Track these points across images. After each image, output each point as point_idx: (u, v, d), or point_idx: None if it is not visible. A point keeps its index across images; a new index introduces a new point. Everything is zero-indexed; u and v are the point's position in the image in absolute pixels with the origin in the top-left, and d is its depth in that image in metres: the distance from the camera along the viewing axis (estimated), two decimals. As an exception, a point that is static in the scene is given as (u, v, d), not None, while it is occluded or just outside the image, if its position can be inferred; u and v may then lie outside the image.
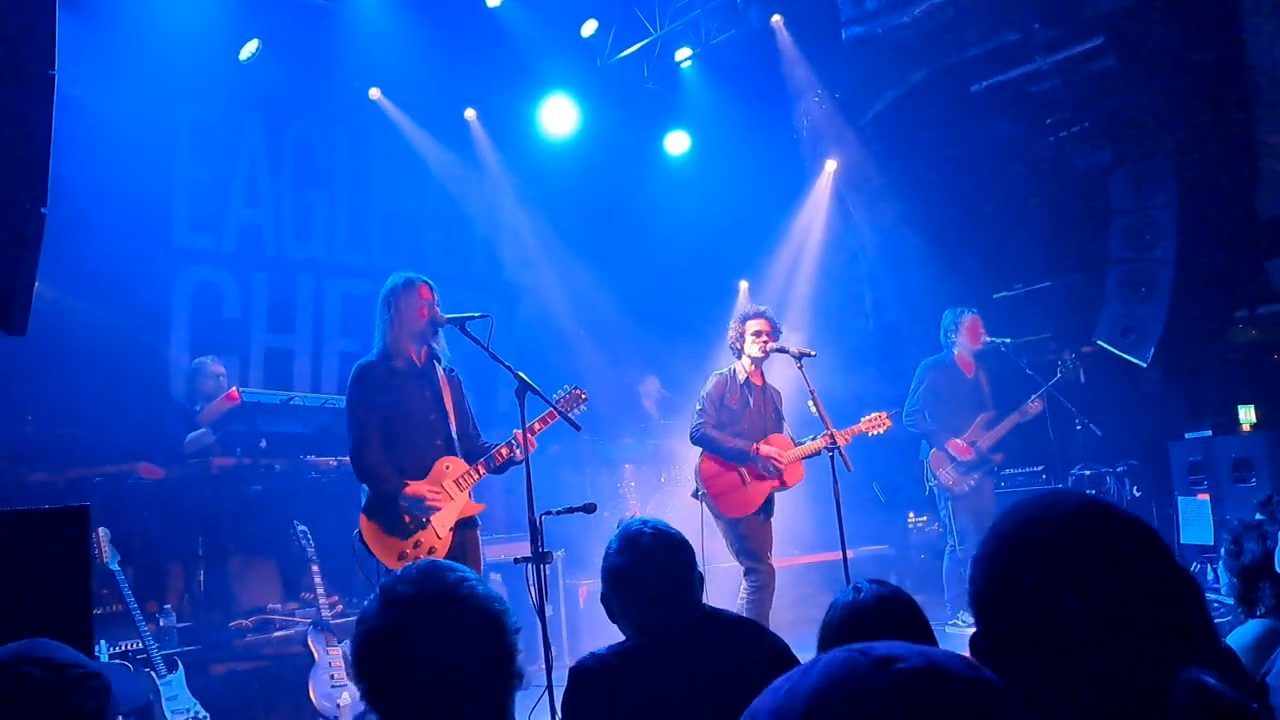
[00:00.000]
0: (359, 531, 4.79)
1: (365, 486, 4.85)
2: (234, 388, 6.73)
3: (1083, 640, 1.22)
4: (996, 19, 8.37)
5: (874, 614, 2.40)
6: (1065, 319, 8.41)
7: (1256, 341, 8.36)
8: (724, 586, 6.02)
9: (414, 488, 4.74)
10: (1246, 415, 7.89)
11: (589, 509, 5.02)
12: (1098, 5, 8.31)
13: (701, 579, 2.94)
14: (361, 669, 1.83)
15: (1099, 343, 7.95)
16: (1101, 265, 8.14)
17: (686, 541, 2.94)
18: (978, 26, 8.43)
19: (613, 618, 2.92)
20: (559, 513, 4.96)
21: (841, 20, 8.51)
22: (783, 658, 2.96)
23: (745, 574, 5.84)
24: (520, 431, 4.83)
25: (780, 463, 5.87)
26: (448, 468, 4.88)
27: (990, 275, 8.72)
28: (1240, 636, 3.17)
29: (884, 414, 6.17)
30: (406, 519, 4.76)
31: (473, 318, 4.90)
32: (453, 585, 1.84)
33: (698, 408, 6.04)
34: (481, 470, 4.93)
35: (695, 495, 6.04)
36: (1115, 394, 7.79)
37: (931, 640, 2.28)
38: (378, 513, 4.77)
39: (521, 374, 4.78)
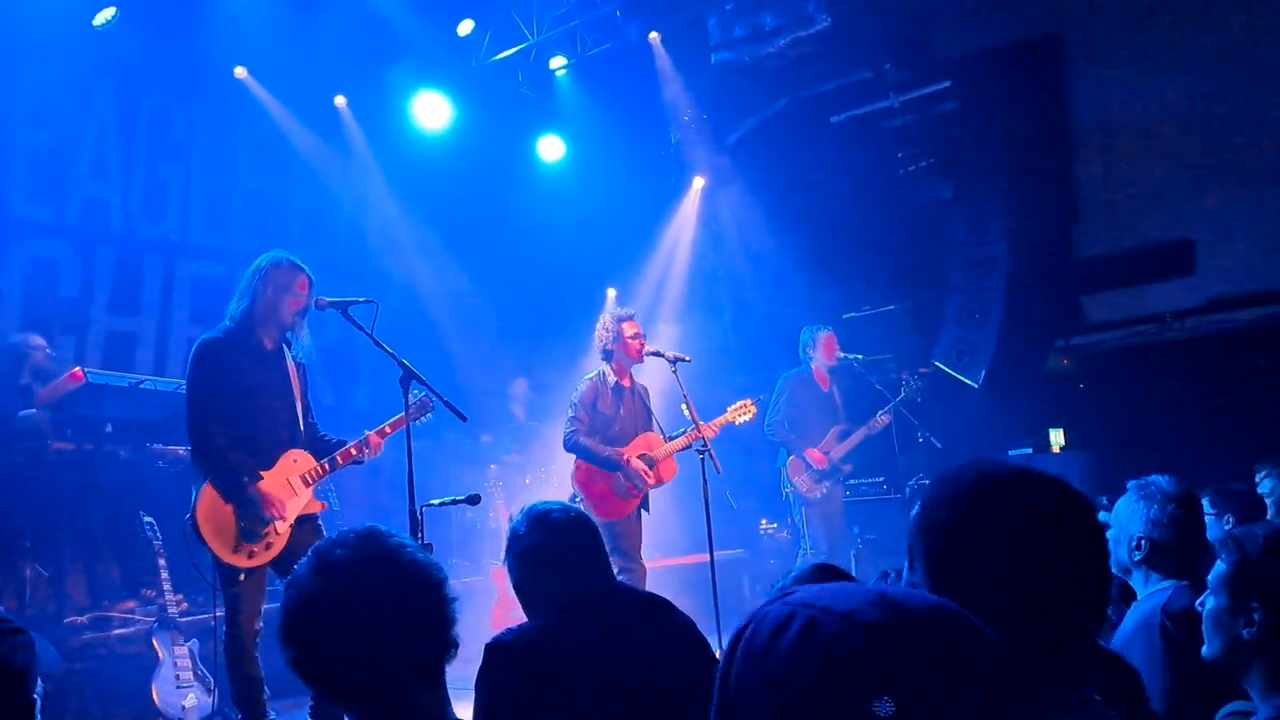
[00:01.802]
0: (192, 517, 4.41)
1: (204, 468, 4.44)
2: (79, 367, 6.29)
3: (1018, 600, 1.33)
4: (853, 57, 8.92)
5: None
6: (907, 340, 8.97)
7: (1068, 370, 9.19)
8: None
9: (266, 484, 4.46)
10: (1056, 438, 8.66)
11: (473, 500, 4.98)
12: (944, 51, 9.01)
13: (608, 556, 3.03)
14: (290, 635, 1.77)
15: (936, 364, 8.53)
16: (941, 292, 8.75)
17: (590, 518, 3.01)
18: (836, 63, 8.95)
19: (529, 605, 2.91)
20: (441, 504, 4.92)
21: (711, 45, 8.84)
22: (691, 634, 3.06)
23: (618, 574, 5.91)
24: (373, 432, 4.75)
25: (648, 481, 5.99)
26: (294, 461, 4.61)
27: (841, 296, 9.21)
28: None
29: (749, 401, 6.40)
30: (251, 512, 4.43)
31: (356, 302, 4.71)
32: (394, 550, 1.80)
33: (570, 414, 6.01)
34: (326, 468, 4.71)
35: (572, 500, 6.09)
36: (948, 412, 8.36)
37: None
38: (226, 497, 4.40)
39: (406, 362, 4.70)
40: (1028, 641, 1.33)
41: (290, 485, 4.58)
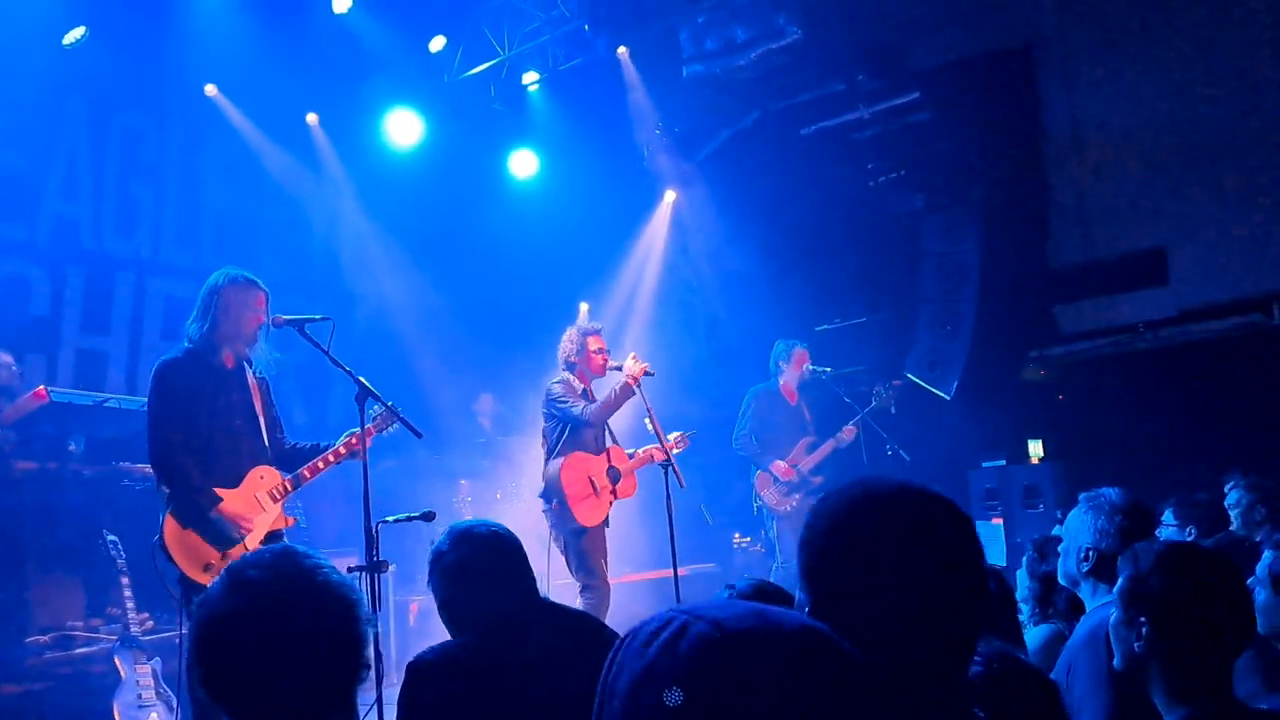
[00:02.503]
0: (160, 539, 4.47)
1: (169, 490, 4.51)
2: (42, 385, 6.29)
3: (893, 615, 1.34)
4: (825, 69, 8.93)
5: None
6: (879, 352, 8.96)
7: (1045, 380, 9.18)
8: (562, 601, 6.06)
9: (229, 504, 4.50)
10: (1035, 449, 8.63)
11: (428, 517, 4.99)
12: (915, 62, 9.04)
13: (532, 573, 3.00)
14: (202, 655, 1.76)
15: (909, 375, 8.53)
16: (913, 303, 8.75)
17: (514, 534, 3.00)
18: (808, 75, 8.97)
19: (456, 624, 2.91)
20: (396, 521, 4.93)
21: (683, 58, 8.88)
22: (623, 652, 3.04)
23: (581, 590, 5.86)
24: (339, 445, 4.80)
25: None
26: (261, 478, 4.67)
27: (813, 308, 9.22)
28: (1030, 641, 3.50)
29: (683, 434, 6.33)
30: (216, 533, 4.48)
31: (313, 320, 4.76)
32: (309, 571, 1.79)
33: (562, 405, 5.93)
34: (291, 485, 4.76)
35: (546, 498, 5.97)
36: (922, 423, 8.36)
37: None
38: (186, 520, 4.46)
39: (362, 379, 4.71)
40: (903, 659, 1.34)
41: (258, 501, 4.64)
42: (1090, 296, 8.75)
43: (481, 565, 2.86)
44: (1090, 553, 3.04)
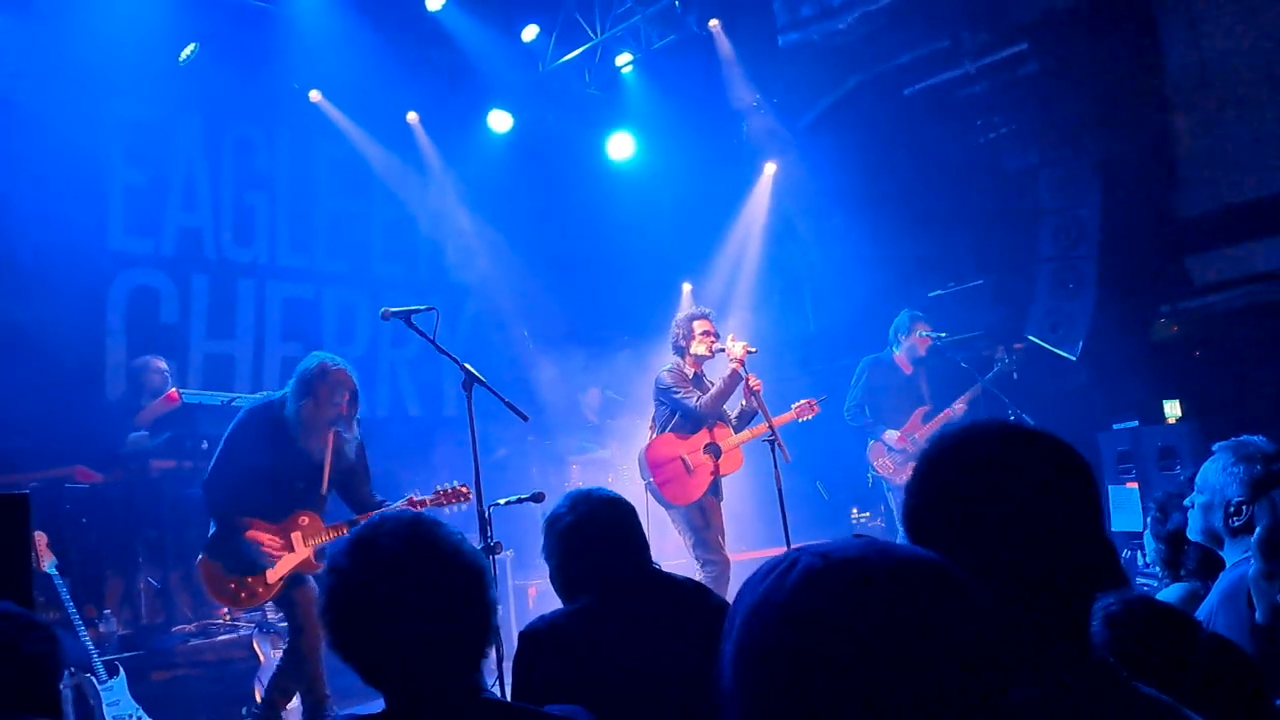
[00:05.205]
0: (198, 563, 4.99)
1: (212, 524, 4.99)
2: (174, 389, 6.63)
3: (1003, 559, 1.28)
4: (926, 26, 8.62)
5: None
6: (997, 316, 8.61)
7: (1179, 336, 8.67)
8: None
9: (255, 533, 4.86)
10: (1172, 409, 8.16)
11: (537, 498, 5.08)
12: (1022, 13, 8.62)
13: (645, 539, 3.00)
14: (328, 614, 1.79)
15: (1030, 338, 8.18)
16: (1031, 263, 8.37)
17: (628, 501, 3.01)
18: (909, 34, 8.67)
19: (569, 588, 2.93)
20: (507, 503, 5.02)
21: (778, 27, 8.71)
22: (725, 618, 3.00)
23: (702, 566, 5.92)
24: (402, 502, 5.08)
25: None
26: (304, 522, 4.99)
27: (926, 274, 8.92)
28: (1165, 599, 3.31)
29: (812, 400, 6.29)
30: (243, 555, 4.87)
31: (418, 311, 4.90)
32: (441, 538, 1.82)
33: (678, 394, 6.04)
34: (329, 535, 5.00)
35: (644, 479, 6.15)
36: (1046, 387, 8.01)
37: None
38: (217, 552, 4.90)
39: (468, 366, 4.80)
40: (1013, 601, 1.28)
41: (291, 540, 4.96)
42: (1224, 245, 8.19)
43: (598, 528, 2.88)
44: (1243, 507, 2.82)
